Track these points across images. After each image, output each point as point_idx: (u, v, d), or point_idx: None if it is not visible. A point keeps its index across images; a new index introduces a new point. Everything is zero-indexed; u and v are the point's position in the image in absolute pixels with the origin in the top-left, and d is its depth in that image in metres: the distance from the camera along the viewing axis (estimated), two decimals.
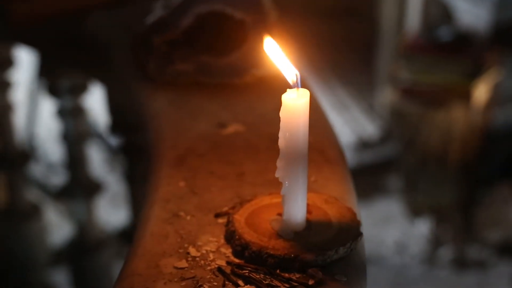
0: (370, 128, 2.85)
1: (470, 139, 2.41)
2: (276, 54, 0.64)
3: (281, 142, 0.65)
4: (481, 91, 2.39)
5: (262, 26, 0.95)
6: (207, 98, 0.95)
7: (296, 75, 0.63)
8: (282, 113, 0.64)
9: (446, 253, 2.36)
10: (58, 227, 2.33)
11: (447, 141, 2.42)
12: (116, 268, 1.96)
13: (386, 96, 2.67)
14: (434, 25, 2.55)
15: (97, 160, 2.66)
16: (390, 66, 2.69)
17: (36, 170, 2.57)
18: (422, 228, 2.46)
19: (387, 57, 2.80)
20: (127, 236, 1.80)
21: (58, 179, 2.47)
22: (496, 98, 2.44)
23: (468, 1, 2.46)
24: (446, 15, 2.57)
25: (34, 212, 1.84)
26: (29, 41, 1.34)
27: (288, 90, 0.64)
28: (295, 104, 0.63)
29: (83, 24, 1.18)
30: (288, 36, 0.74)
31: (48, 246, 2.00)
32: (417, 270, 2.31)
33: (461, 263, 2.32)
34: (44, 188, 2.47)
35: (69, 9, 1.17)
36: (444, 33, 2.44)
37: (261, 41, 0.93)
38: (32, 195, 1.91)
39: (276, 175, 0.67)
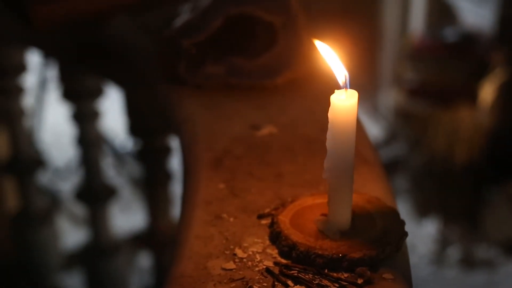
0: (374, 130, 2.85)
1: (477, 139, 2.42)
2: (327, 55, 0.64)
3: (329, 143, 0.66)
4: (487, 91, 2.40)
5: (291, 28, 0.95)
6: (239, 100, 0.95)
7: (345, 75, 0.64)
8: (330, 114, 0.64)
9: (454, 253, 2.36)
10: (70, 232, 2.32)
11: (454, 141, 2.43)
12: (130, 273, 1.95)
13: (392, 97, 2.68)
14: (438, 26, 2.56)
15: (110, 165, 2.65)
16: (395, 67, 2.70)
17: (47, 175, 2.56)
18: (430, 228, 2.47)
19: (391, 58, 2.80)
20: (140, 240, 1.80)
21: (69, 184, 2.46)
22: (502, 98, 2.45)
23: (472, 1, 2.47)
24: (450, 15, 2.58)
25: (46, 217, 1.84)
26: (49, 45, 1.34)
27: (336, 91, 0.64)
28: (344, 105, 0.64)
29: (106, 27, 1.18)
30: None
31: (60, 251, 1.99)
32: (425, 270, 2.31)
33: (469, 263, 2.32)
34: (55, 193, 2.47)
35: (91, 12, 1.16)
36: (449, 34, 2.45)
37: (295, 42, 0.94)
38: (43, 200, 1.90)
39: (324, 176, 0.67)
